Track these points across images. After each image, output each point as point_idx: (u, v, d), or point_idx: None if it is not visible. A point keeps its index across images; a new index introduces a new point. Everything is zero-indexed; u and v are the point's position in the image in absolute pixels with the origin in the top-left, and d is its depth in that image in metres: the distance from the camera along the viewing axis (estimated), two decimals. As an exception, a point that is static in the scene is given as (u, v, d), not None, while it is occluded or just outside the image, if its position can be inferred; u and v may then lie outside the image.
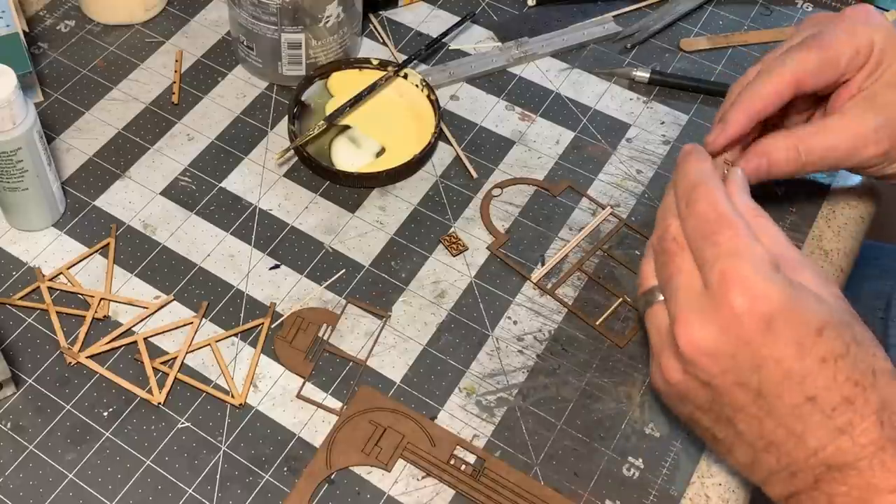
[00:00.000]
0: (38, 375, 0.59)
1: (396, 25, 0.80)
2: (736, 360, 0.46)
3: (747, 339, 0.46)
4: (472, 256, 0.66)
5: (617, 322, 0.63)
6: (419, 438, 0.57)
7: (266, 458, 0.56)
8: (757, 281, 0.46)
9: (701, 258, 0.48)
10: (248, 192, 0.68)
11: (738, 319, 0.46)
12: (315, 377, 0.60)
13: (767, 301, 0.45)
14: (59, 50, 0.75)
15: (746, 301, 0.45)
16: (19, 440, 0.56)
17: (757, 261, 0.46)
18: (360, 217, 0.67)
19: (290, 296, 0.63)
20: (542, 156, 0.71)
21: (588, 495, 0.56)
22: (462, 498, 0.55)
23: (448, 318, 0.63)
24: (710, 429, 0.50)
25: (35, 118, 0.59)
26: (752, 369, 0.46)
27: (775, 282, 0.46)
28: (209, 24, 0.78)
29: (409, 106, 0.72)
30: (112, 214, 0.66)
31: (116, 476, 0.55)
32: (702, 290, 0.47)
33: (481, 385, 0.60)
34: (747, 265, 0.46)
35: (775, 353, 0.46)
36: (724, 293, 0.46)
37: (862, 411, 0.46)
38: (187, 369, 0.60)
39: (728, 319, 0.46)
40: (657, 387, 0.52)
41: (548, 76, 0.77)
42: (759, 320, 0.45)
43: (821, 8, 0.82)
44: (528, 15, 0.81)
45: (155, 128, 0.71)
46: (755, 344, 0.46)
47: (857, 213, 0.70)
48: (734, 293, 0.46)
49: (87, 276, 0.63)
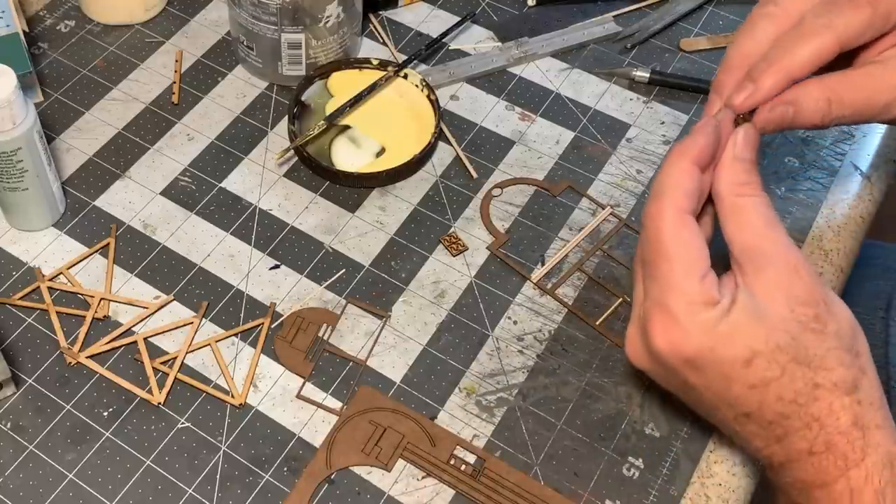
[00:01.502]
0: (38, 375, 0.59)
1: (396, 25, 0.80)
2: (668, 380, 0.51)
3: (673, 369, 0.49)
4: (472, 256, 0.66)
5: (617, 322, 0.63)
6: (419, 438, 0.57)
7: (266, 458, 0.56)
8: (679, 325, 0.47)
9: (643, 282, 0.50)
10: (248, 192, 0.68)
11: (661, 355, 0.48)
12: (315, 377, 0.60)
13: (687, 345, 0.47)
14: (59, 50, 0.75)
15: (666, 344, 0.48)
16: (19, 440, 0.56)
17: (684, 302, 0.47)
18: (360, 217, 0.67)
19: (290, 296, 0.63)
20: (542, 156, 0.71)
21: (588, 495, 0.56)
22: (462, 498, 0.55)
23: (448, 318, 0.63)
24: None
25: (35, 118, 0.59)
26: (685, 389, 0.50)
27: (700, 324, 0.47)
28: (209, 24, 0.78)
29: (409, 106, 0.72)
30: (112, 214, 0.66)
31: (116, 476, 0.55)
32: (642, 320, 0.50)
33: (481, 385, 0.60)
34: (673, 306, 0.47)
35: (702, 382, 0.49)
36: (650, 330, 0.48)
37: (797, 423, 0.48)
38: (187, 369, 0.60)
39: (654, 353, 0.49)
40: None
41: (548, 76, 0.77)
42: (680, 359, 0.48)
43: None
44: (528, 15, 0.81)
45: (155, 128, 0.71)
46: (681, 374, 0.49)
47: (857, 213, 0.70)
48: (656, 334, 0.48)
49: (87, 276, 0.63)
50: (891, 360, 0.86)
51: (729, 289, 0.48)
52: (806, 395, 0.47)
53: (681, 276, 0.47)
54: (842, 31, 0.51)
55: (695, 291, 0.47)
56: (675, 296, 0.47)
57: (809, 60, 0.51)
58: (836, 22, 0.51)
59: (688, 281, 0.47)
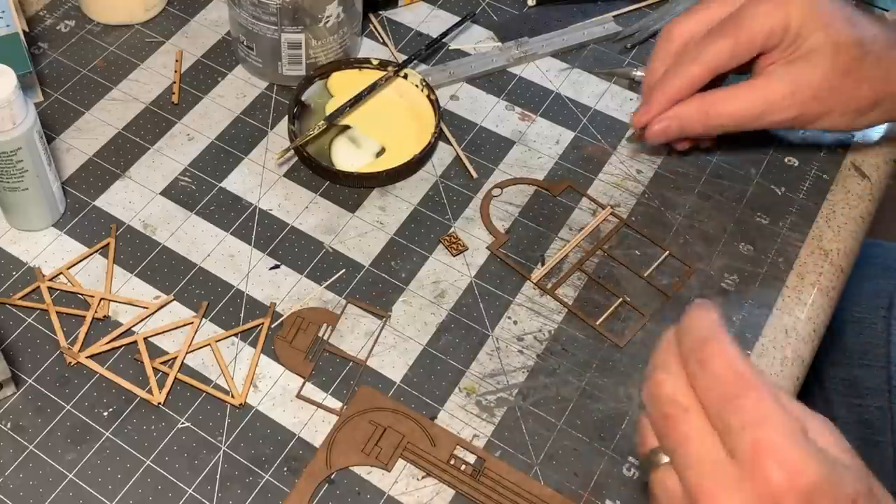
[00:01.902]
0: (38, 375, 0.59)
1: (396, 25, 0.80)
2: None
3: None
4: (472, 256, 0.66)
5: (617, 322, 0.63)
6: (419, 438, 0.57)
7: (266, 458, 0.56)
8: (792, 452, 0.41)
9: (722, 424, 0.42)
10: (248, 192, 0.68)
11: (775, 496, 0.41)
12: (315, 377, 0.60)
13: (806, 475, 0.41)
14: (59, 50, 0.75)
15: (784, 475, 0.40)
16: (19, 440, 0.56)
17: (788, 429, 0.41)
18: (360, 217, 0.67)
19: (290, 296, 0.63)
20: (542, 156, 0.71)
21: (588, 495, 0.56)
22: (462, 498, 0.55)
23: (448, 318, 0.63)
24: None
25: (35, 118, 0.59)
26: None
27: (810, 452, 0.41)
28: (209, 24, 0.78)
29: (409, 106, 0.72)
30: (112, 214, 0.66)
31: (116, 476, 0.55)
32: (727, 460, 0.42)
33: (481, 385, 0.60)
34: (779, 435, 0.41)
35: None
36: (759, 465, 0.41)
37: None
38: (187, 369, 0.60)
39: (764, 495, 0.41)
40: None
41: (548, 76, 0.77)
42: (799, 495, 0.41)
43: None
44: (528, 15, 0.81)
45: (155, 128, 0.71)
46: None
47: (857, 213, 0.70)
48: (770, 466, 0.41)
49: (87, 276, 0.63)
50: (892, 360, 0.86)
51: None
52: None
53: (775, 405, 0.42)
54: (710, 60, 0.63)
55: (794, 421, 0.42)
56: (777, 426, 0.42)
57: (685, 86, 0.64)
58: (704, 54, 0.63)
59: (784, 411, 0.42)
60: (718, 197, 0.70)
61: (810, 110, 0.64)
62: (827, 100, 0.63)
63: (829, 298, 0.66)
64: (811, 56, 0.62)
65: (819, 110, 0.64)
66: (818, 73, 0.63)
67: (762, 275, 0.66)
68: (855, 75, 0.63)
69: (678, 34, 0.66)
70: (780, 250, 0.67)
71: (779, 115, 0.64)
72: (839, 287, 0.67)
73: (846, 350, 0.89)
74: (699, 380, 0.44)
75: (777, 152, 0.72)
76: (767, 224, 0.68)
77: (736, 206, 0.69)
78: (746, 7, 0.63)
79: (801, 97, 0.63)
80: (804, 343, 0.63)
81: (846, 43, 0.62)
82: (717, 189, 0.70)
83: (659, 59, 0.67)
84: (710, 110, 0.64)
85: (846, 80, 0.63)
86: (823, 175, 0.71)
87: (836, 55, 0.62)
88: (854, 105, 0.64)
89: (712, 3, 0.66)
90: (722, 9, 0.65)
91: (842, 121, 0.65)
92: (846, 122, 0.65)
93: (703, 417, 0.43)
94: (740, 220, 0.68)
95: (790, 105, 0.63)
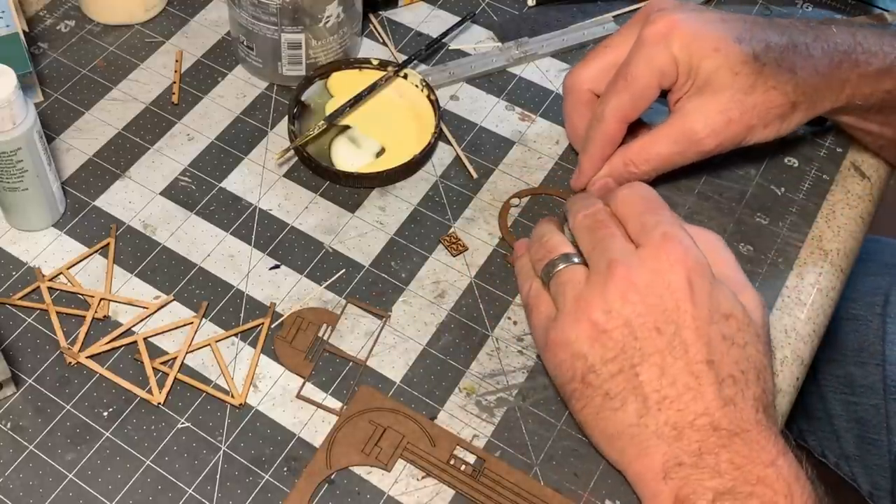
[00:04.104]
0: (38, 375, 0.59)
1: (396, 25, 0.80)
2: (661, 301, 0.52)
3: (674, 286, 0.52)
4: (471, 256, 0.66)
5: (617, 322, 0.63)
6: (419, 438, 0.57)
7: (266, 458, 0.56)
8: (688, 241, 0.53)
9: (640, 225, 0.54)
10: (248, 192, 0.68)
11: (671, 266, 0.52)
12: (315, 377, 0.60)
13: (696, 260, 0.53)
14: (59, 50, 0.75)
15: (682, 251, 0.52)
16: (19, 440, 0.56)
17: (688, 236, 0.54)
18: (360, 217, 0.67)
19: (290, 296, 0.63)
20: (542, 156, 0.71)
21: (588, 495, 0.56)
22: (462, 498, 0.55)
23: (448, 318, 0.63)
24: (602, 385, 0.53)
25: (35, 118, 0.59)
26: (671, 315, 0.52)
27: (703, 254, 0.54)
28: (209, 24, 0.78)
29: (409, 106, 0.72)
30: (112, 214, 0.66)
31: (116, 476, 0.55)
32: (636, 250, 0.54)
33: (481, 385, 0.60)
34: (682, 232, 0.54)
35: (690, 309, 0.52)
36: (663, 247, 0.53)
37: (744, 393, 0.52)
38: (187, 369, 0.60)
39: (663, 265, 0.52)
40: (558, 339, 0.54)
41: (548, 76, 0.77)
42: (685, 270, 0.52)
43: (820, 7, 0.82)
44: (528, 15, 0.81)
45: (155, 128, 0.71)
46: (679, 293, 0.52)
47: (857, 213, 0.70)
48: (672, 246, 0.53)
49: (87, 276, 0.63)
50: (888, 358, 0.86)
51: None
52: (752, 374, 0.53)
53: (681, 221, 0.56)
54: (616, 115, 0.63)
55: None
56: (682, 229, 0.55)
57: (605, 144, 0.65)
58: (609, 112, 0.63)
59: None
60: (718, 197, 0.70)
61: (731, 133, 0.63)
62: (743, 119, 0.62)
63: (828, 299, 0.66)
64: (711, 83, 0.62)
65: (739, 130, 0.63)
66: (724, 98, 0.62)
67: (762, 275, 0.66)
68: (760, 89, 0.62)
69: (579, 86, 0.67)
70: (780, 250, 0.67)
71: (703, 145, 0.63)
72: (839, 287, 0.67)
73: (842, 347, 0.90)
74: (627, 199, 0.56)
75: (777, 152, 0.72)
76: (767, 224, 0.68)
77: (736, 206, 0.69)
78: (632, 56, 0.62)
79: (714, 126, 0.62)
80: (804, 343, 0.63)
81: (739, 62, 0.61)
82: (717, 189, 0.70)
83: (575, 115, 0.68)
84: (635, 159, 0.64)
85: (754, 97, 0.62)
86: (823, 175, 0.71)
87: (734, 76, 0.61)
88: (773, 114, 0.63)
89: (606, 49, 0.65)
90: (617, 52, 0.64)
91: (769, 131, 0.64)
92: (773, 131, 0.64)
93: (620, 226, 0.56)
94: (740, 220, 0.68)
95: (709, 135, 0.62)
